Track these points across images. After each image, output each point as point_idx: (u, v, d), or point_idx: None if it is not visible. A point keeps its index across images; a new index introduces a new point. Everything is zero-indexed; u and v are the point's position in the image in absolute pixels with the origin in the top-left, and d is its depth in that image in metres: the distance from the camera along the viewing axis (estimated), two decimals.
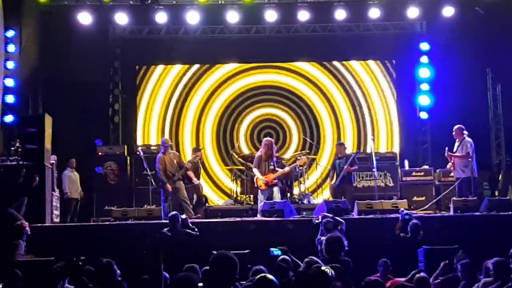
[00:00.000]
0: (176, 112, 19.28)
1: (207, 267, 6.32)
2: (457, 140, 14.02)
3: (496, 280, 7.46)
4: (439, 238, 11.18)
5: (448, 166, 14.35)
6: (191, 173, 15.12)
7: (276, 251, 8.51)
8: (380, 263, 9.44)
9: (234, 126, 19.35)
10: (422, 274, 7.83)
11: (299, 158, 15.81)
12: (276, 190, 13.94)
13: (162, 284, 6.09)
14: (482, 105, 18.28)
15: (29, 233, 10.90)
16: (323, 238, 9.86)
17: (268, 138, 14.74)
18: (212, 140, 19.27)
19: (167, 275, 8.00)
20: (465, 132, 14.01)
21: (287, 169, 14.60)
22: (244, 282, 6.42)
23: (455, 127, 14.12)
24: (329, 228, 10.21)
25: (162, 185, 14.16)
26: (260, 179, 13.89)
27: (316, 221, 11.21)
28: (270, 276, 5.14)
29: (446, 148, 14.11)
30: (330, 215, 10.97)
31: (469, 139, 13.86)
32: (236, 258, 4.98)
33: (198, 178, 15.53)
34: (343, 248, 7.73)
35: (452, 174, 14.63)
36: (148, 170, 14.39)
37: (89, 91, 17.32)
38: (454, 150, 14.00)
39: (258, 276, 5.18)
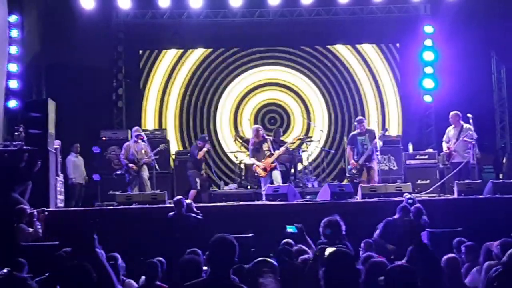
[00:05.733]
0: (180, 96, 19.28)
1: None
2: (453, 126, 14.00)
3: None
4: (443, 221, 11.19)
5: (445, 150, 14.36)
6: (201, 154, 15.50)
7: (290, 228, 8.43)
8: (363, 246, 9.32)
9: (238, 110, 19.41)
10: (452, 254, 7.76)
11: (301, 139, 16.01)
12: (277, 173, 14.02)
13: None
14: (486, 88, 18.20)
15: (35, 218, 10.94)
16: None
17: (255, 125, 14.97)
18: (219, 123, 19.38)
19: (163, 260, 7.92)
20: None
21: (282, 149, 14.54)
22: (247, 265, 6.41)
23: (454, 113, 14.05)
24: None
25: (126, 169, 14.32)
26: (258, 166, 13.96)
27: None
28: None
29: (445, 150, 14.17)
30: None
31: (468, 125, 13.85)
32: (235, 241, 4.93)
33: (200, 169, 15.74)
34: (341, 232, 7.64)
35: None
36: (152, 155, 14.41)
37: (93, 76, 17.29)
38: (451, 135, 14.01)
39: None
